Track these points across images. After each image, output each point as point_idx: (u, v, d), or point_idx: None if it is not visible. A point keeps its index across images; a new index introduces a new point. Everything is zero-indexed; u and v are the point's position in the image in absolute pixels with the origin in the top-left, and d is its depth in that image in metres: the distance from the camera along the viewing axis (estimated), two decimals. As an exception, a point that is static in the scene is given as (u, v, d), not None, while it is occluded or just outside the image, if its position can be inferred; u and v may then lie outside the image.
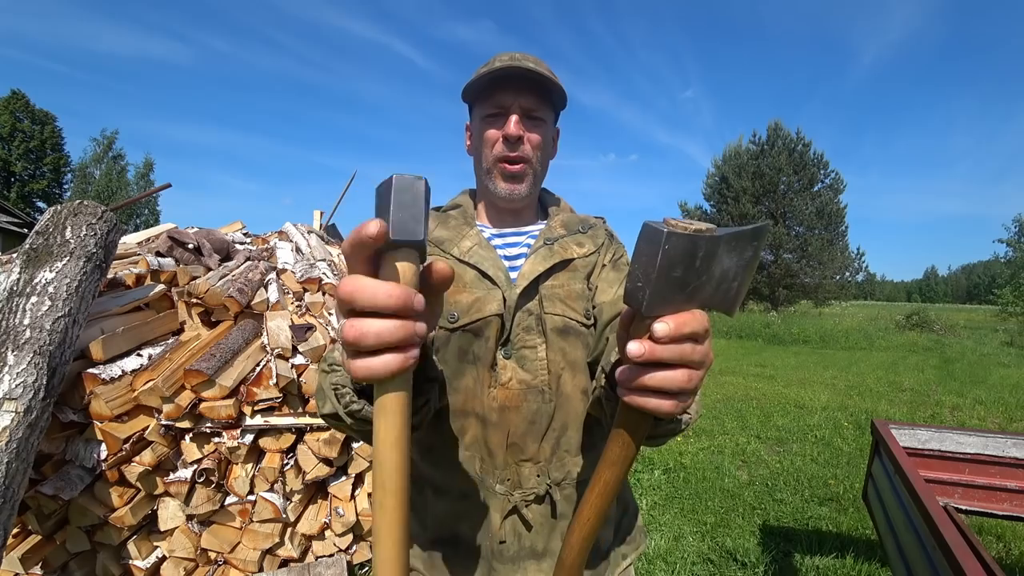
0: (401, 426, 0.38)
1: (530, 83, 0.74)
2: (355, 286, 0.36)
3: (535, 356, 0.72)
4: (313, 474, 1.98)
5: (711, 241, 0.37)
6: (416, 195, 0.37)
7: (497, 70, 0.72)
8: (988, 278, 78.02)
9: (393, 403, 0.38)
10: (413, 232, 0.37)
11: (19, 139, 27.24)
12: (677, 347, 0.39)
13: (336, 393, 0.52)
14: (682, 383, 0.40)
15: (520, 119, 0.75)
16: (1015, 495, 1.71)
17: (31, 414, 1.40)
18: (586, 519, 0.49)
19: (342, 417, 0.53)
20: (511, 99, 0.75)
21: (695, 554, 2.45)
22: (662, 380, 0.40)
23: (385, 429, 0.38)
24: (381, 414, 0.38)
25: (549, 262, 0.75)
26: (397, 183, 0.37)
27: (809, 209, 22.64)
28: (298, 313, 2.31)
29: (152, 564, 1.82)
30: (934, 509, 1.15)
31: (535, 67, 0.73)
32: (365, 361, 0.37)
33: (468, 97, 0.81)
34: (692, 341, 0.40)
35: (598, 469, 0.47)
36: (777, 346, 11.70)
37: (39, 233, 1.68)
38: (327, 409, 0.55)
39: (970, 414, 5.10)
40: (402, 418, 0.38)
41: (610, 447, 0.46)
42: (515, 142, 0.75)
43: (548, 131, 0.80)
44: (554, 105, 0.80)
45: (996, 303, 19.21)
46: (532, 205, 0.87)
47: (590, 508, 0.48)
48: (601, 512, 0.48)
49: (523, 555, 0.71)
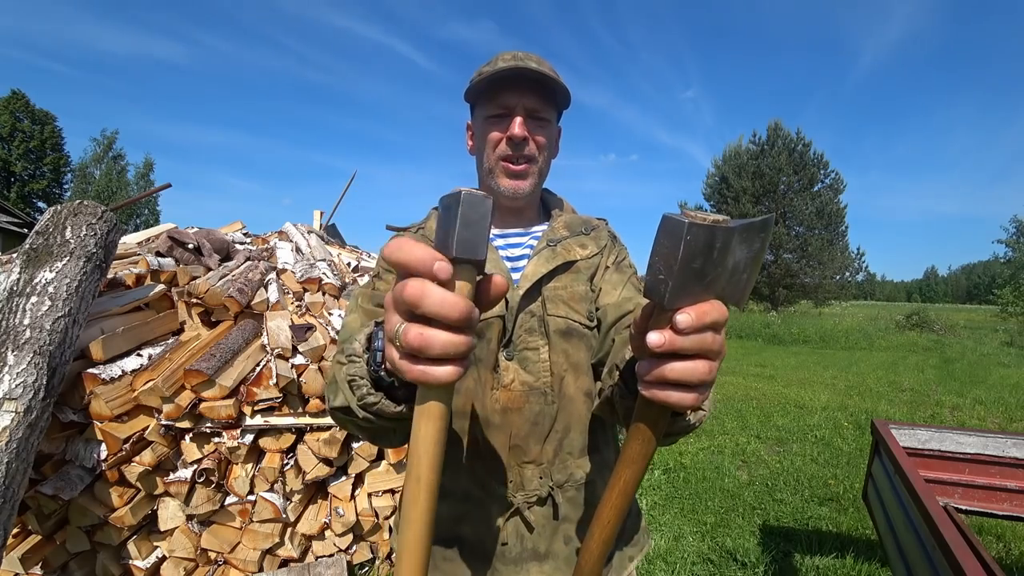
0: (441, 429, 0.41)
1: (534, 83, 0.73)
2: (423, 291, 0.36)
3: (537, 358, 0.72)
4: (313, 474, 1.98)
5: (727, 232, 0.38)
6: (483, 214, 0.38)
7: (501, 70, 0.72)
8: (988, 278, 78.01)
9: (437, 408, 0.40)
10: (475, 251, 0.38)
11: (19, 139, 27.24)
12: (698, 337, 0.39)
13: (352, 384, 0.51)
14: (703, 374, 0.40)
15: (524, 120, 0.74)
16: (1015, 495, 1.71)
17: (31, 414, 1.40)
18: (607, 520, 0.48)
19: (354, 410, 0.52)
20: (515, 100, 0.74)
21: (695, 554, 2.45)
22: (682, 372, 0.40)
23: (426, 429, 0.41)
24: (425, 416, 0.40)
25: (552, 264, 0.75)
26: (466, 199, 0.37)
27: (809, 209, 22.64)
28: (298, 313, 2.31)
29: (152, 564, 1.82)
30: (934, 509, 1.14)
31: (539, 67, 0.72)
32: (424, 367, 0.38)
33: (470, 97, 0.80)
34: (712, 331, 0.39)
35: (617, 468, 0.47)
36: (777, 346, 11.70)
37: (39, 233, 1.67)
38: (338, 402, 0.55)
39: (970, 414, 5.10)
40: (444, 421, 0.41)
41: (629, 444, 0.46)
42: (520, 143, 0.74)
43: (552, 131, 0.79)
44: (557, 105, 0.79)
45: (996, 303, 19.22)
46: (534, 205, 0.86)
47: (611, 508, 0.48)
48: (622, 512, 0.48)
49: (525, 556, 0.71)
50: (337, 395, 0.56)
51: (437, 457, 0.41)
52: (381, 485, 2.11)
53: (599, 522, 0.49)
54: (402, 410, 0.50)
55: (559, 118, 0.83)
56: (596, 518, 0.49)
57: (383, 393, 0.50)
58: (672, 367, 0.40)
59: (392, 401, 0.50)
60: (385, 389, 0.50)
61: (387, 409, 0.50)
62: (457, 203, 0.37)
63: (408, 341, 0.37)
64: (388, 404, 0.49)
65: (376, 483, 2.11)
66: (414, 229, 0.85)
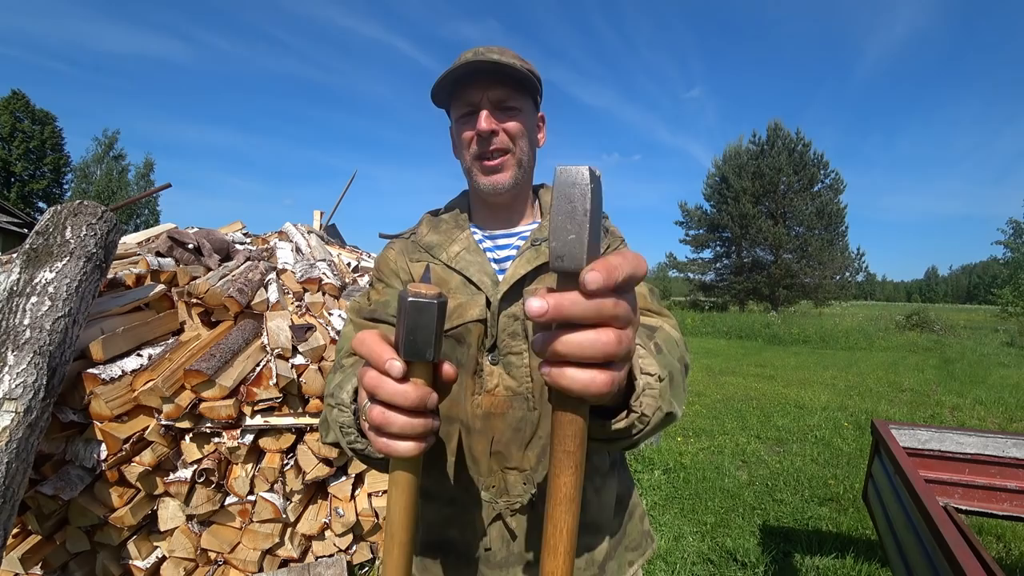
0: (410, 495, 0.46)
1: (496, 75, 0.71)
2: (378, 383, 0.42)
3: (521, 362, 0.70)
4: (313, 474, 1.98)
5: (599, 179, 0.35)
6: (430, 317, 0.40)
7: (458, 67, 0.70)
8: (988, 278, 77.98)
9: (405, 479, 0.45)
10: (422, 354, 0.41)
11: (19, 139, 27.23)
12: (596, 302, 0.32)
13: (341, 431, 0.56)
14: (606, 346, 0.33)
15: (491, 112, 0.72)
16: (1015, 495, 1.71)
17: (31, 414, 1.40)
18: (552, 547, 0.39)
19: (344, 449, 0.58)
20: (479, 95, 0.72)
21: (695, 554, 2.45)
22: (579, 344, 0.33)
23: (396, 496, 0.46)
24: (394, 485, 0.46)
25: (533, 264, 0.72)
26: (411, 306, 0.40)
27: (809, 209, 22.67)
28: (298, 313, 2.31)
29: (152, 564, 1.82)
30: (934, 509, 1.14)
31: (499, 58, 0.69)
32: (387, 442, 0.43)
33: (439, 102, 0.79)
34: (618, 293, 0.33)
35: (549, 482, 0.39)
36: (777, 346, 11.70)
37: (39, 233, 1.67)
38: (330, 439, 0.61)
39: (970, 414, 5.10)
40: (412, 488, 0.46)
41: (552, 451, 0.38)
42: (488, 137, 0.72)
43: (526, 118, 0.76)
44: (528, 92, 0.76)
45: (996, 303, 19.21)
46: (523, 200, 0.83)
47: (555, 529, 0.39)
48: (571, 531, 0.39)
49: (512, 561, 0.70)
50: (328, 434, 0.61)
51: (408, 520, 0.46)
52: (381, 485, 2.11)
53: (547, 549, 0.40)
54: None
55: (537, 106, 0.80)
56: (543, 546, 0.41)
57: (368, 442, 0.53)
58: (565, 339, 0.33)
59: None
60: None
61: (373, 455, 0.56)
62: (404, 310, 0.40)
63: (371, 418, 0.42)
64: (373, 451, 0.55)
65: (376, 483, 2.11)
66: (406, 235, 0.84)
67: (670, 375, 0.53)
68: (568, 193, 0.33)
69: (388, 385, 0.41)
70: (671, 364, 0.56)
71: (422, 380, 0.43)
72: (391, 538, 0.47)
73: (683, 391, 0.58)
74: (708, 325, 15.14)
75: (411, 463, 0.45)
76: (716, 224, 25.27)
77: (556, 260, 0.33)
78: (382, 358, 0.41)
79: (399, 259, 0.80)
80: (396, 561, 0.47)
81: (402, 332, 0.41)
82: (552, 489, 0.39)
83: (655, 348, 0.57)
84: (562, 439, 0.38)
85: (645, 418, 0.47)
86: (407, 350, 0.41)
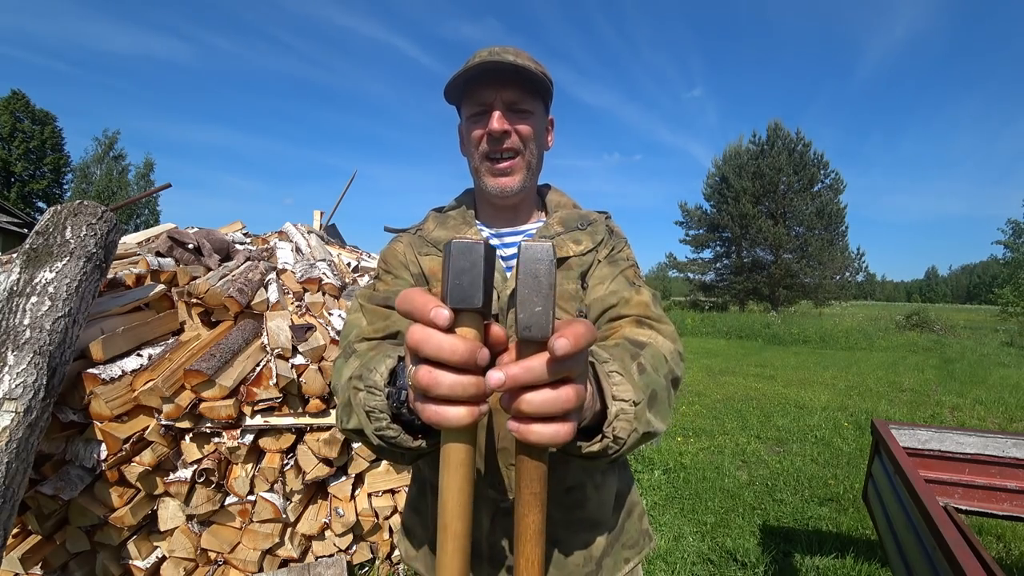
0: (465, 477, 0.41)
1: (510, 76, 0.71)
2: (424, 336, 0.38)
3: None
4: (313, 474, 1.98)
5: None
6: (474, 260, 0.38)
7: (474, 66, 0.70)
8: (988, 278, 78.01)
9: (459, 456, 0.40)
10: (470, 300, 0.38)
11: (19, 139, 27.23)
12: (558, 364, 0.36)
13: (369, 415, 0.52)
14: (568, 402, 0.37)
15: (504, 114, 0.72)
16: (1015, 495, 1.71)
17: (31, 414, 1.40)
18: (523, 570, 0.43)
19: (368, 436, 0.53)
20: (492, 95, 0.72)
21: (695, 554, 2.45)
22: (542, 404, 0.37)
23: (450, 479, 0.40)
24: (447, 466, 0.40)
25: None
26: (455, 248, 0.38)
27: (809, 209, 22.67)
28: (298, 313, 2.31)
29: (152, 564, 1.82)
30: (934, 509, 1.14)
31: (515, 59, 0.70)
32: (438, 408, 0.38)
33: (451, 99, 0.79)
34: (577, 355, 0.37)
35: (517, 520, 0.43)
36: (777, 346, 11.70)
37: (39, 233, 1.67)
38: (352, 425, 0.56)
39: (970, 414, 5.10)
40: (467, 468, 0.41)
41: (518, 493, 0.42)
42: (500, 138, 0.72)
43: (537, 121, 0.76)
44: (540, 95, 0.76)
45: (996, 303, 19.21)
46: (529, 200, 0.84)
47: (524, 560, 0.43)
48: (541, 562, 0.43)
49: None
50: (351, 419, 0.56)
51: (462, 506, 0.41)
52: (381, 485, 2.11)
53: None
54: (421, 444, 0.51)
55: (547, 109, 0.81)
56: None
57: (402, 427, 0.51)
58: (528, 399, 0.37)
59: (410, 435, 0.51)
60: (405, 423, 0.51)
61: (405, 443, 0.51)
62: (448, 253, 0.38)
63: (417, 380, 0.38)
64: (406, 438, 0.51)
65: (376, 483, 2.11)
66: (412, 231, 0.84)
67: (652, 393, 0.54)
68: (533, 269, 0.37)
69: (435, 338, 0.37)
70: (654, 382, 0.56)
71: (473, 333, 0.39)
72: (444, 529, 0.41)
73: (669, 407, 0.59)
74: (708, 325, 15.15)
75: (465, 435, 0.40)
76: (716, 224, 25.28)
77: (524, 330, 0.37)
78: (427, 306, 0.38)
79: (408, 251, 0.81)
80: (451, 556, 0.41)
81: (447, 278, 0.38)
82: (521, 528, 0.42)
83: (637, 369, 0.55)
84: (529, 482, 0.41)
85: (620, 439, 0.49)
86: (453, 296, 0.37)
